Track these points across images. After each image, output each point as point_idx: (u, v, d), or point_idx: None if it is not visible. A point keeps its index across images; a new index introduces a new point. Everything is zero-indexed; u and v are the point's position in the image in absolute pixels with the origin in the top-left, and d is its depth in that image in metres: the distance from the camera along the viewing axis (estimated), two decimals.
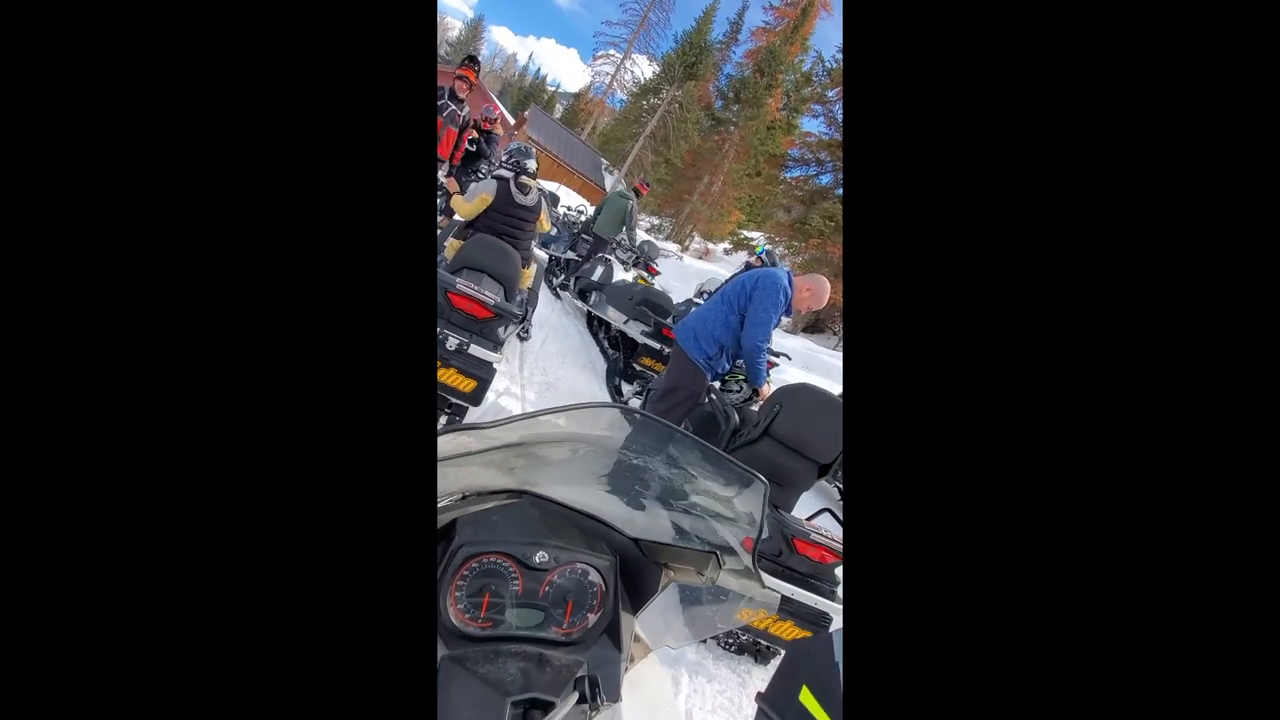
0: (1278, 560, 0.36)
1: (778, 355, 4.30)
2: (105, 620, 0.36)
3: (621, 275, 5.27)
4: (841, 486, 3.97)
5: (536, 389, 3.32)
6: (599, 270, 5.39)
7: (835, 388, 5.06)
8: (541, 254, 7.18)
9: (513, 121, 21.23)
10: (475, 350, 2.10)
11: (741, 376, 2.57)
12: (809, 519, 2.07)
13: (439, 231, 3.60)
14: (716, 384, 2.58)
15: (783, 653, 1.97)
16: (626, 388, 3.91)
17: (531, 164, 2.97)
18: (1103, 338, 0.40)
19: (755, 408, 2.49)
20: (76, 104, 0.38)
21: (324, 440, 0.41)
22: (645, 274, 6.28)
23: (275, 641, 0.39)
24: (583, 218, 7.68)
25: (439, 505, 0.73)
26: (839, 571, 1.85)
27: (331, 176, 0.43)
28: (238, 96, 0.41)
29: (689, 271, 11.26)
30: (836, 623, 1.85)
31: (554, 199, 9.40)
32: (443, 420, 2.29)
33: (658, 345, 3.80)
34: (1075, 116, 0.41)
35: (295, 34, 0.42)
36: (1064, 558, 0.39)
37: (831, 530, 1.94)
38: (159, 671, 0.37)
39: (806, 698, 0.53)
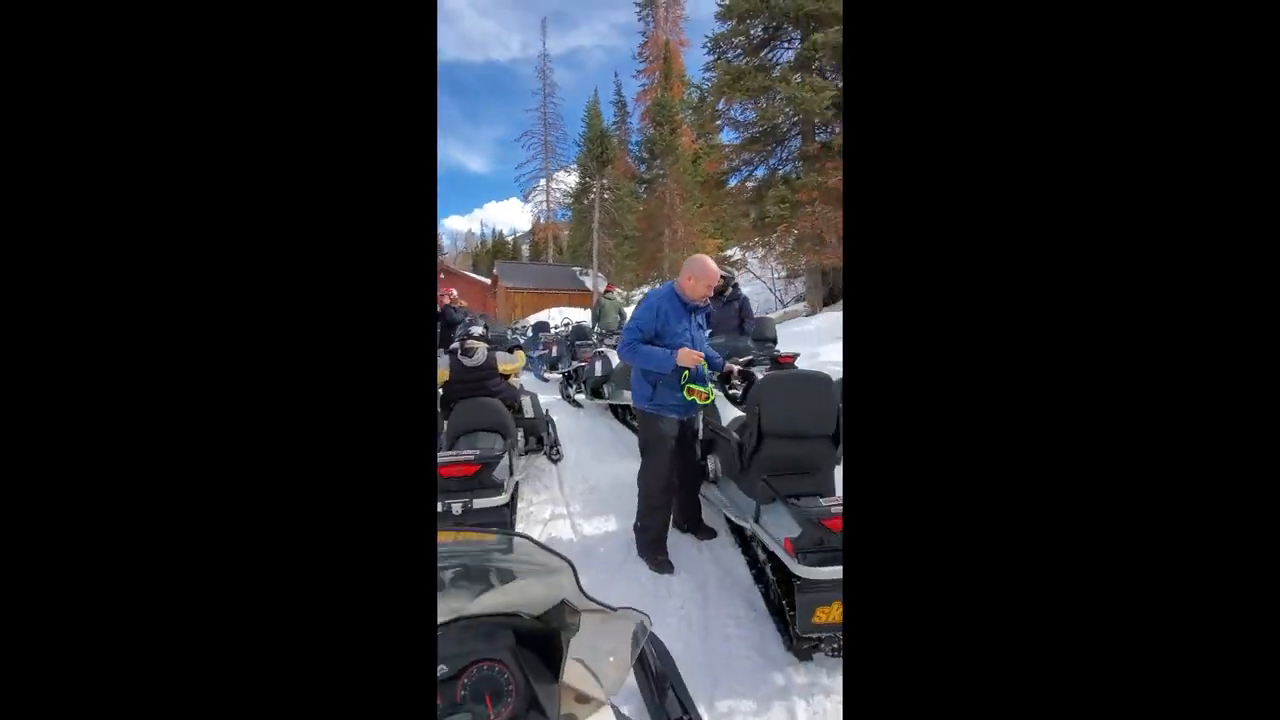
0: (1277, 560, 0.35)
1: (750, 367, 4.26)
2: (117, 628, 0.36)
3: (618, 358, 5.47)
4: None
5: (580, 499, 3.41)
6: (599, 364, 5.61)
7: None
8: (550, 377, 7.58)
9: (489, 282, 23.16)
10: (479, 503, 2.25)
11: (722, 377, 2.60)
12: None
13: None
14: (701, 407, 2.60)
15: None
16: None
17: (476, 329, 3.34)
18: (1098, 333, 0.40)
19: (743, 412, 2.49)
20: (79, 106, 0.38)
21: (328, 452, 0.41)
22: None
23: (278, 645, 0.39)
24: (569, 328, 8.12)
25: None
26: None
27: (332, 190, 0.43)
28: (230, 123, 0.41)
29: None
30: None
31: (542, 327, 10.04)
32: None
33: None
34: (1074, 111, 0.41)
35: (295, 42, 0.42)
36: (1064, 551, 0.39)
37: None
38: (164, 670, 0.36)
39: None
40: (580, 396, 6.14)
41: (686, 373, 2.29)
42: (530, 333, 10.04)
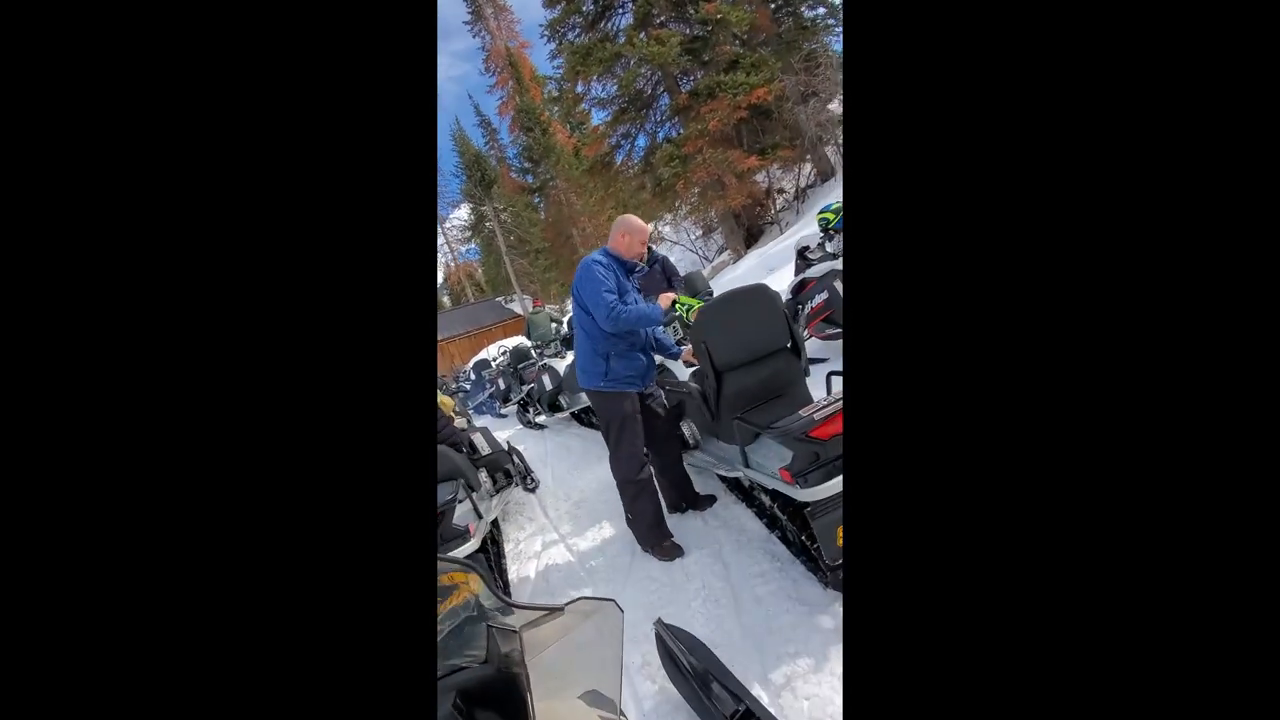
0: (1277, 560, 0.36)
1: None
2: (114, 641, 0.36)
3: (564, 364, 5.21)
4: (813, 334, 3.65)
5: (569, 520, 3.13)
6: (546, 377, 5.35)
7: (790, 267, 4.73)
8: (506, 411, 7.24)
9: None
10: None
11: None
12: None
13: None
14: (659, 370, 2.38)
15: None
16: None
17: None
18: (1097, 338, 0.41)
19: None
20: (79, 107, 0.38)
21: (326, 446, 0.41)
22: None
23: (277, 646, 0.38)
24: (508, 355, 7.76)
25: None
26: None
27: (332, 188, 0.43)
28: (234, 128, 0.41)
29: None
30: None
31: (483, 365, 9.60)
32: None
33: None
34: (1075, 113, 0.42)
35: (296, 46, 0.42)
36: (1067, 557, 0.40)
37: (831, 394, 1.69)
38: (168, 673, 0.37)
39: None
40: (541, 418, 5.83)
41: (678, 300, 2.34)
42: (473, 375, 9.53)
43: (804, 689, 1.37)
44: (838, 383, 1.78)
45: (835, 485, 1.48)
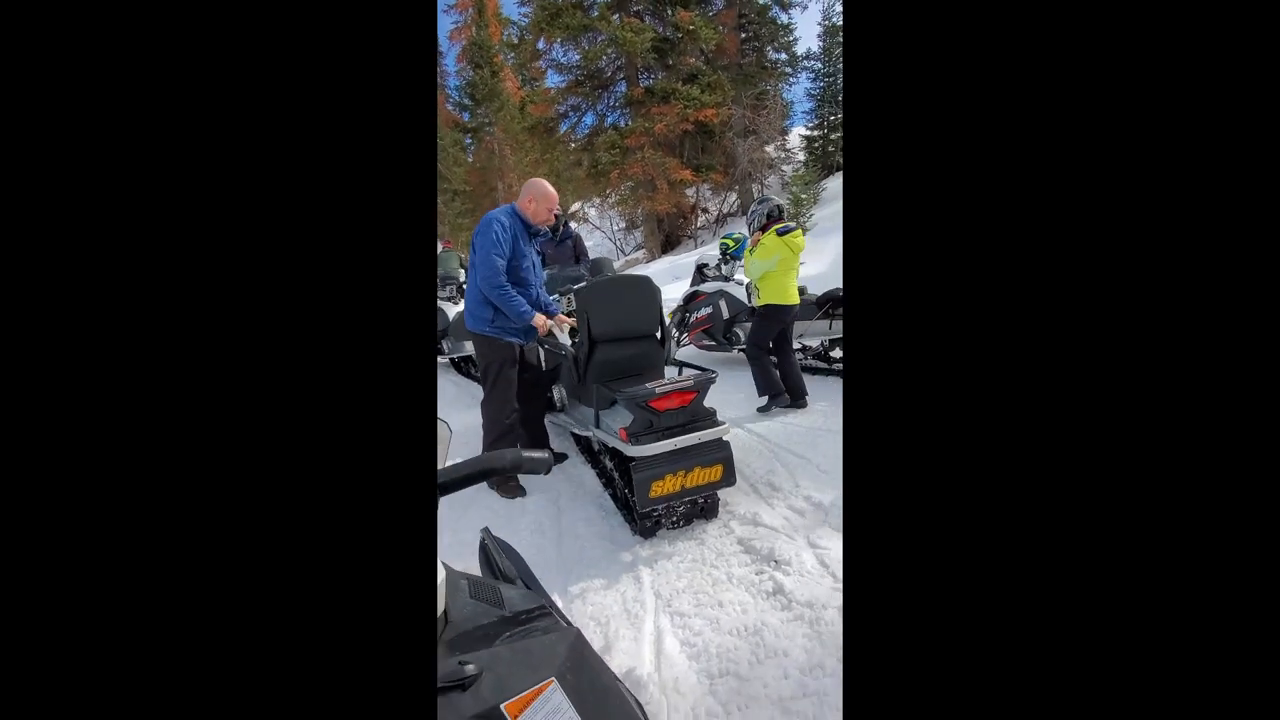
0: (1277, 560, 0.36)
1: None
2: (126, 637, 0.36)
3: (456, 310, 5.17)
4: (692, 342, 4.18)
5: None
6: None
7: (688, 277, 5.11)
8: None
9: None
10: None
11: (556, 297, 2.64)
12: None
13: None
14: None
15: (723, 498, 2.09)
16: None
17: None
18: (1098, 338, 0.41)
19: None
20: (79, 106, 0.38)
21: (326, 444, 0.41)
22: None
23: (277, 646, 0.38)
24: None
25: None
26: (705, 403, 1.98)
27: (332, 187, 0.43)
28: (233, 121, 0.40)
29: None
30: (726, 435, 1.98)
31: None
32: None
33: None
34: (1075, 111, 0.42)
35: (293, 41, 0.42)
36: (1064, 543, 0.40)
37: (681, 375, 2.06)
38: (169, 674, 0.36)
39: None
40: None
41: None
42: None
43: (593, 598, 1.70)
44: (686, 371, 2.16)
45: (658, 447, 1.83)
